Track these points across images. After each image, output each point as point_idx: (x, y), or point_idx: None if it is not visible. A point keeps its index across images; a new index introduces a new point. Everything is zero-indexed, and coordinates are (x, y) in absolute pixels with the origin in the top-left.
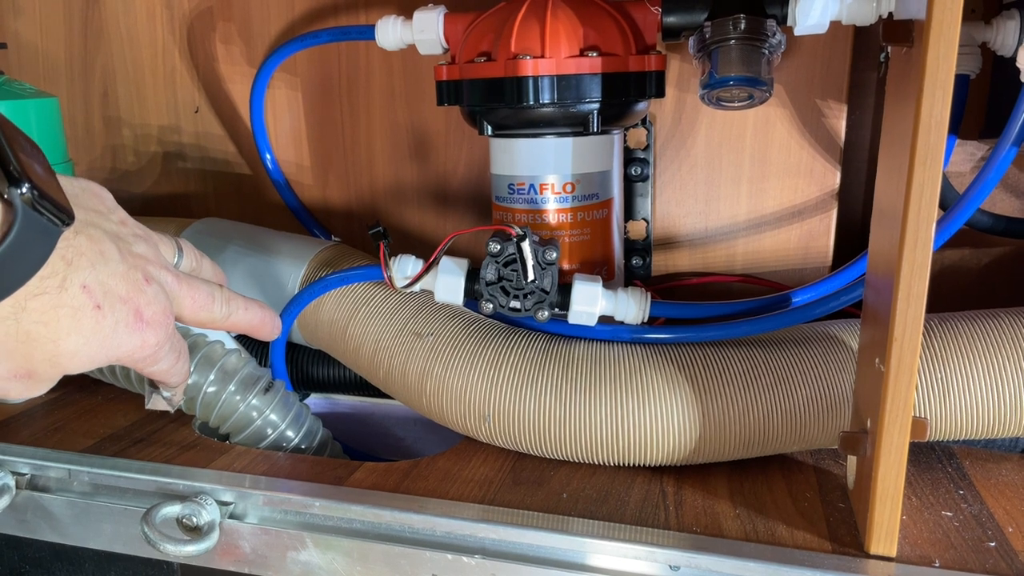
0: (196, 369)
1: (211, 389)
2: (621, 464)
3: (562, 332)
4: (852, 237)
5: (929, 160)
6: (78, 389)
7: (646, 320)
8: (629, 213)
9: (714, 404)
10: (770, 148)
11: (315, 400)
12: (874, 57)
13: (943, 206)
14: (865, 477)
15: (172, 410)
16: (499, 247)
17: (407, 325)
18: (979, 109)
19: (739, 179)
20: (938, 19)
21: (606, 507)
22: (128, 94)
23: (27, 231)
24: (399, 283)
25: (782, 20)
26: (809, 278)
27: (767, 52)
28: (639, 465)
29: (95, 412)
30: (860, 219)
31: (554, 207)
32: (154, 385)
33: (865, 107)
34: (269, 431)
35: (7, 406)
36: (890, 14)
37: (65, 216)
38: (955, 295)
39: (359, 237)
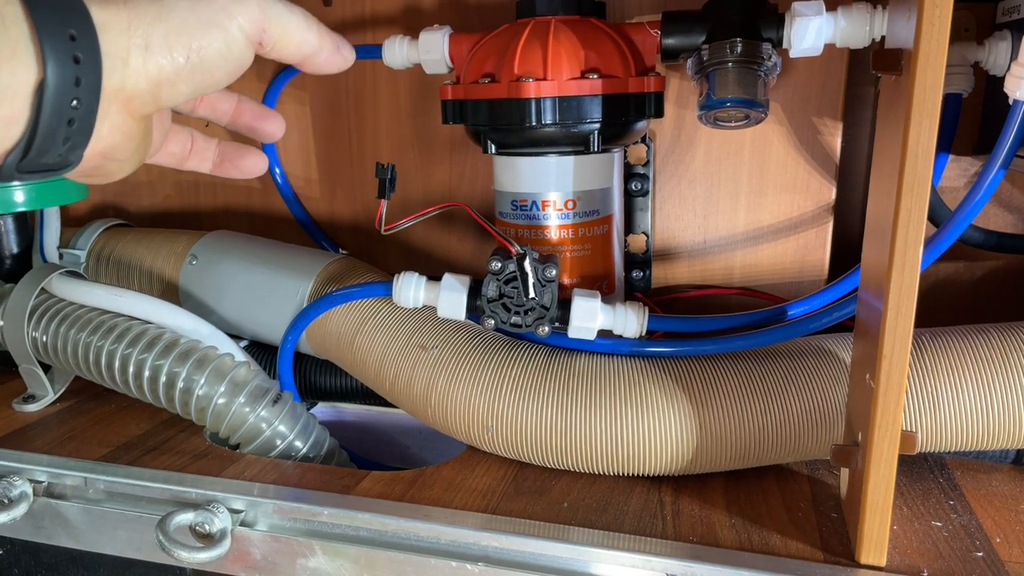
0: (206, 381)
1: (221, 401)
2: (620, 474)
3: (564, 345)
4: (850, 247)
5: (916, 187)
6: (92, 398)
7: (644, 334)
8: (629, 227)
9: (710, 416)
10: (767, 164)
11: (322, 409)
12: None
13: (935, 223)
14: (856, 489)
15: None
16: (500, 265)
17: (412, 337)
18: (973, 125)
19: (737, 194)
20: (925, 49)
21: (605, 516)
22: None
23: None
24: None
25: (778, 43)
26: (806, 290)
27: (763, 74)
28: (638, 475)
29: (109, 421)
30: (858, 230)
31: (556, 223)
32: None
33: (862, 120)
34: (278, 442)
35: (23, 415)
36: (883, 38)
37: None
38: (948, 308)
39: (366, 249)
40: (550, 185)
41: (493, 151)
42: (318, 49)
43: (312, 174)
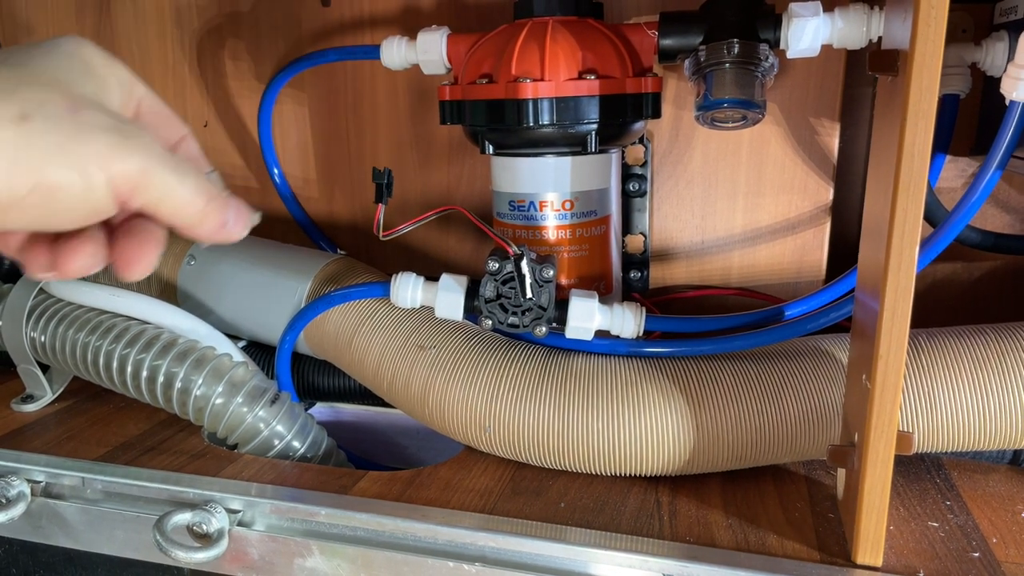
0: (204, 381)
1: (219, 401)
2: (618, 474)
3: (561, 345)
4: (848, 247)
5: (912, 187)
6: (90, 398)
7: (642, 334)
8: (627, 227)
9: (707, 416)
10: (765, 165)
11: (320, 409)
12: None
13: (932, 223)
14: (852, 489)
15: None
16: (498, 265)
17: (410, 338)
18: (970, 126)
19: (735, 194)
20: (921, 50)
21: (602, 516)
22: None
23: None
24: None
25: (775, 44)
26: (803, 291)
27: (760, 75)
28: (635, 475)
29: (107, 421)
30: (856, 230)
31: (553, 224)
32: None
33: (860, 121)
34: (276, 442)
35: (21, 415)
36: (880, 39)
37: None
38: (946, 309)
39: (364, 250)
40: (548, 186)
41: (491, 152)
42: (198, 223)
43: (310, 174)
